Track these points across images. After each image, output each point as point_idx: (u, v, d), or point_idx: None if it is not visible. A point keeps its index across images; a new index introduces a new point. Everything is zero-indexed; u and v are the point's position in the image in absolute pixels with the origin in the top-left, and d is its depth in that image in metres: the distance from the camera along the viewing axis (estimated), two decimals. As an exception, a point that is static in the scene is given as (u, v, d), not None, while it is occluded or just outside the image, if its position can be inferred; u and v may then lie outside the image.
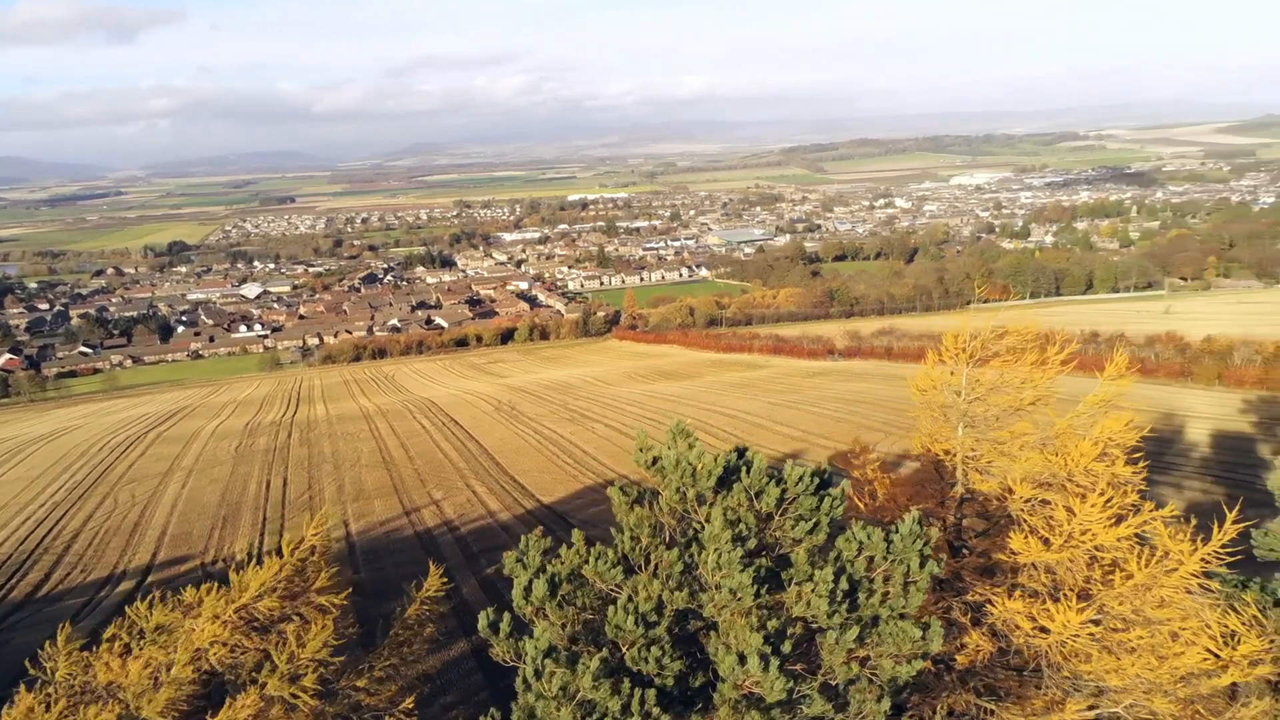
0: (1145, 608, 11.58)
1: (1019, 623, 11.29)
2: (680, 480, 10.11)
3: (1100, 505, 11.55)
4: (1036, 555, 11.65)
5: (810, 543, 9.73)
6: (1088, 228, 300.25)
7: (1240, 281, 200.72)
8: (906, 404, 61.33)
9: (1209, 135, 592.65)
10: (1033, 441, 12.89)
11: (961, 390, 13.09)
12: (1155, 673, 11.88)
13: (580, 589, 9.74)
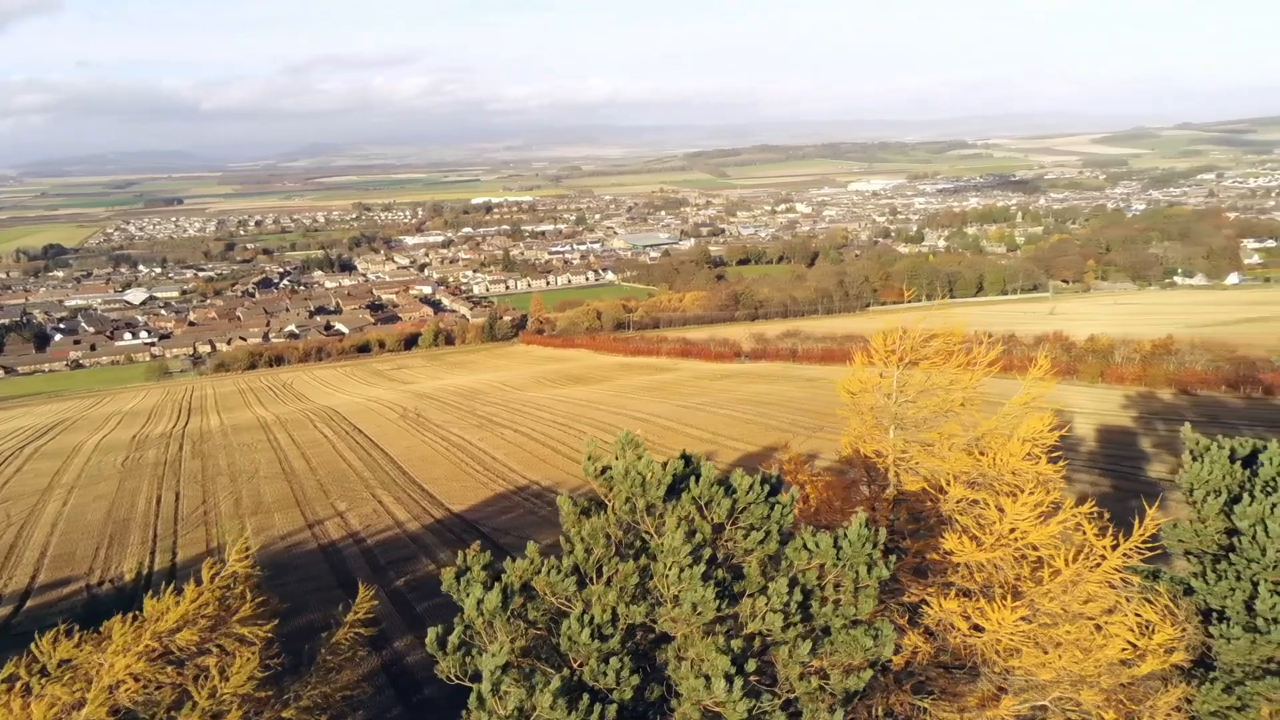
0: (1073, 603, 11.84)
1: (955, 622, 11.40)
2: (630, 489, 9.82)
3: (1030, 504, 11.77)
4: (970, 555, 11.79)
5: (762, 552, 9.57)
6: (977, 232, 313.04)
7: (1117, 284, 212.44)
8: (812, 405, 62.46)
9: (1086, 145, 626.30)
10: (961, 442, 13.07)
11: (893, 392, 13.17)
12: (1081, 665, 12.18)
13: (531, 602, 9.35)
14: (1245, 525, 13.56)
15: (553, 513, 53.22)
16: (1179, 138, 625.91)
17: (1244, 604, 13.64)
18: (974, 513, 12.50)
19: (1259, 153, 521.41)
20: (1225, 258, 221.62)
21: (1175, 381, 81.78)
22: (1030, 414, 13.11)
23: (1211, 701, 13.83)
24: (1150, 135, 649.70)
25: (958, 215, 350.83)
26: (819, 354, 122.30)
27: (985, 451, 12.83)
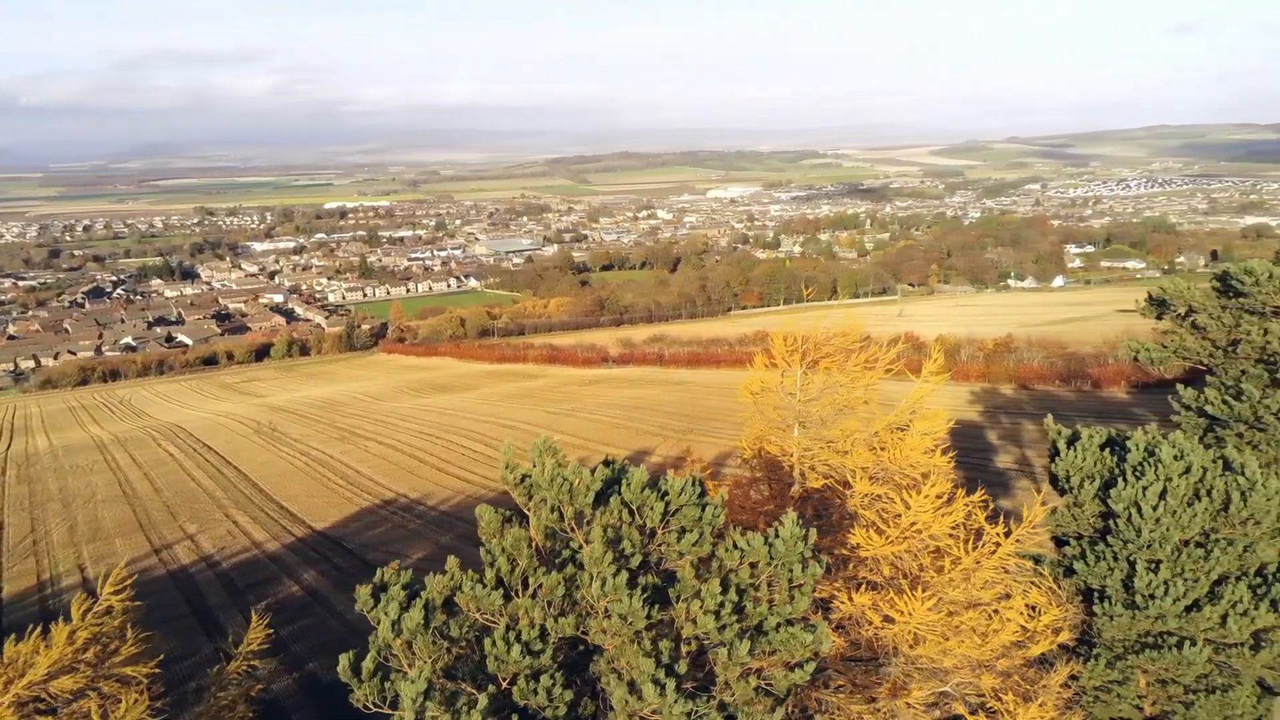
0: (973, 590, 12.11)
1: (868, 616, 11.45)
2: (557, 497, 9.29)
3: (932, 496, 11.96)
4: (878, 549, 11.89)
5: (694, 555, 9.25)
6: (830, 239, 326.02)
7: (958, 287, 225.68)
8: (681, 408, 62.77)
9: (926, 157, 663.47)
10: (863, 438, 13.19)
11: (796, 391, 13.15)
12: (979, 651, 12.48)
13: (453, 619, 8.66)
14: (1120, 508, 14.30)
15: (423, 526, 51.61)
16: (1008, 150, 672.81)
17: (1122, 583, 14.39)
18: (878, 507, 12.63)
19: (1077, 165, 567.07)
20: (1051, 262, 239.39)
21: (1015, 377, 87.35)
22: (925, 409, 13.38)
23: (1096, 677, 14.52)
24: (983, 148, 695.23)
25: (811, 222, 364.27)
26: (685, 358, 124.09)
27: (886, 446, 13.01)
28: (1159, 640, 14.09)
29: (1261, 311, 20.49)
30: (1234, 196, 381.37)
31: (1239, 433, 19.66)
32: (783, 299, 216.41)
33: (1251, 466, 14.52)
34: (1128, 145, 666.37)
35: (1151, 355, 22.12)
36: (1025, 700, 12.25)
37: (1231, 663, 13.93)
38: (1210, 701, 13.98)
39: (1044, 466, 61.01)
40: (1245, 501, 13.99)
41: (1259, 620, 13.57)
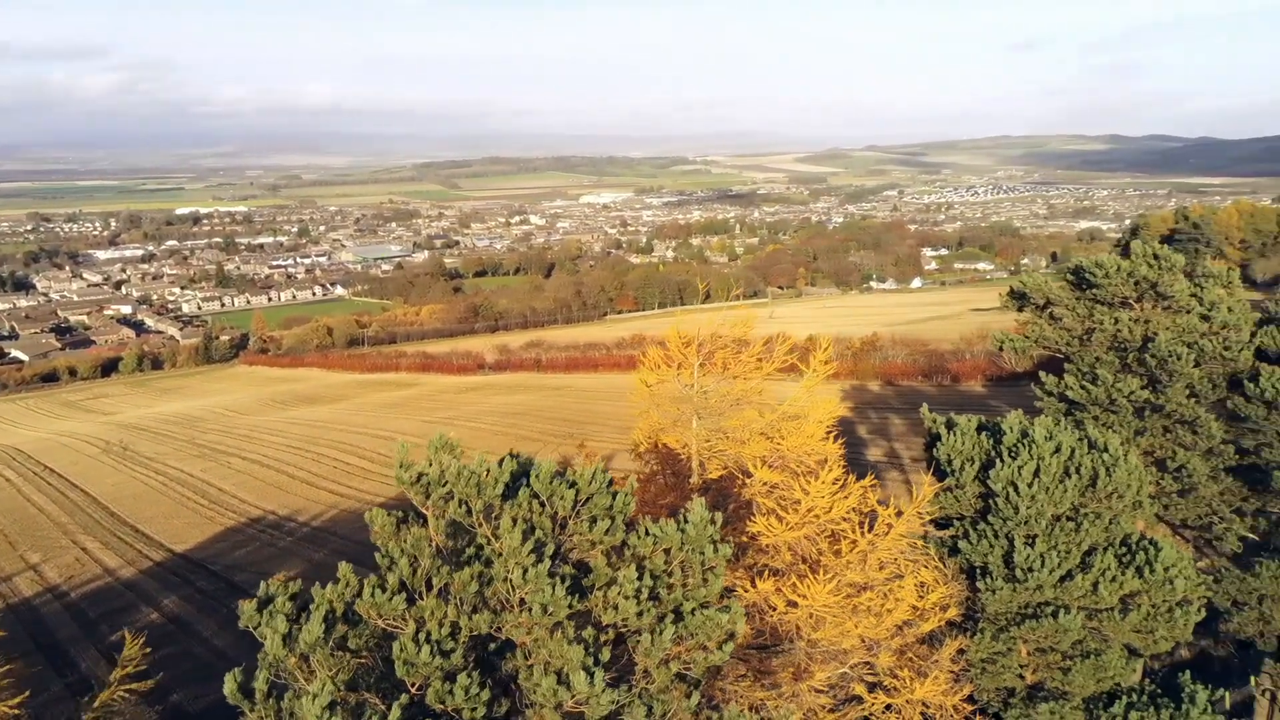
0: (869, 571, 12.38)
1: (772, 601, 11.52)
2: (464, 491, 8.86)
3: (829, 481, 12.16)
4: (779, 535, 12.00)
5: (608, 543, 9.03)
6: (702, 243, 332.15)
7: (824, 289, 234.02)
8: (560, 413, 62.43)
9: (791, 163, 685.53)
10: (759, 428, 13.31)
11: (694, 384, 13.15)
12: (876, 630, 12.78)
13: (354, 629, 8.10)
14: (999, 487, 14.99)
15: (295, 543, 49.31)
16: (868, 158, 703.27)
17: (1003, 558, 15.07)
18: (776, 495, 12.77)
19: (931, 173, 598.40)
20: (910, 264, 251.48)
21: (882, 374, 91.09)
22: (817, 398, 13.63)
23: (982, 649, 15.15)
24: (844, 155, 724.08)
25: (683, 227, 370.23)
26: (563, 363, 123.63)
27: (783, 435, 13.17)
28: (1037, 611, 14.84)
29: (1111, 302, 21.95)
30: (1070, 202, 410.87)
31: (1095, 415, 20.98)
32: (658, 303, 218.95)
33: (1113, 444, 15.48)
34: (976, 154, 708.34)
35: (1015, 345, 23.37)
36: (920, 676, 12.61)
37: (1103, 628, 14.82)
38: (1085, 665, 14.82)
39: (912, 459, 63.55)
40: (1110, 477, 14.91)
41: (1125, 586, 14.49)
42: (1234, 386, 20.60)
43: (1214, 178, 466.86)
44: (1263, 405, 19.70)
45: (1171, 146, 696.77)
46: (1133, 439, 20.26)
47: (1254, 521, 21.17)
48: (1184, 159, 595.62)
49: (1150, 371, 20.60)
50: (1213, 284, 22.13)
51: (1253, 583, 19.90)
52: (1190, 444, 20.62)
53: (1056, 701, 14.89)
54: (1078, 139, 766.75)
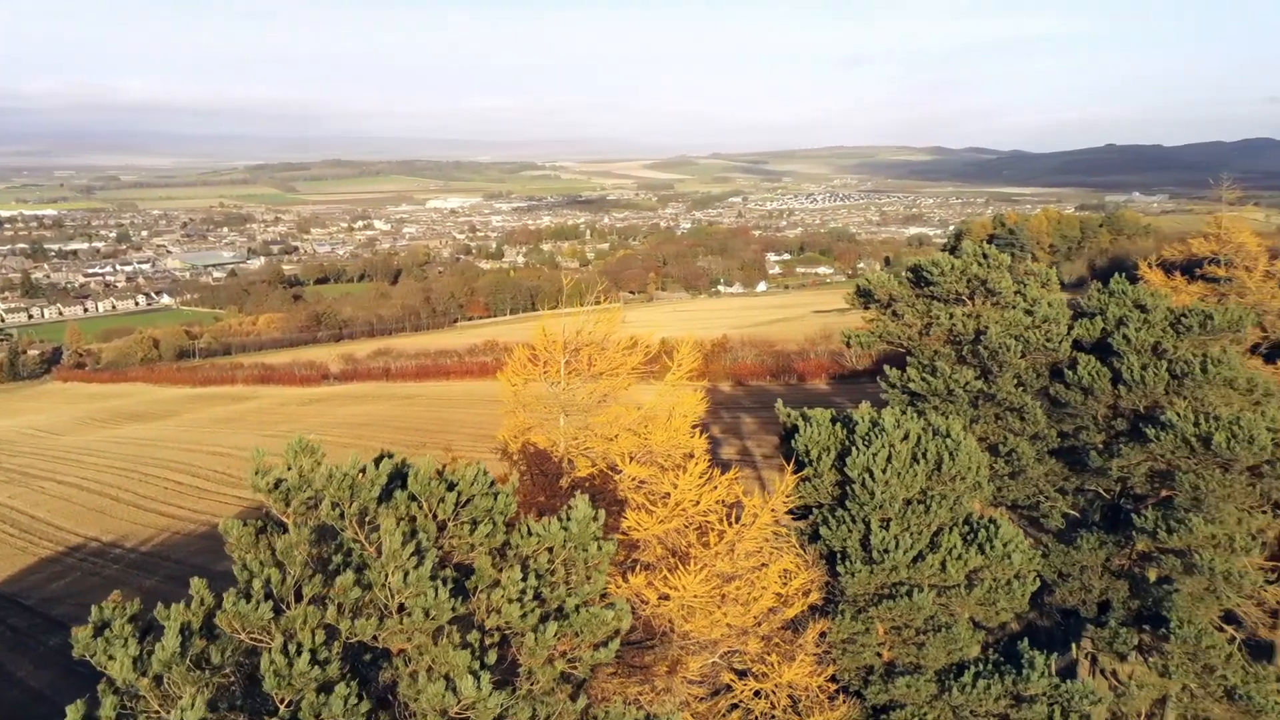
0: (737, 561, 12.63)
1: (645, 595, 11.54)
2: (336, 494, 8.34)
3: (697, 475, 12.32)
4: (650, 529, 12.04)
5: (490, 544, 8.74)
6: (552, 249, 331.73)
7: (674, 294, 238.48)
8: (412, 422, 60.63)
9: (639, 170, 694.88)
10: (628, 423, 13.33)
11: (561, 382, 13.02)
12: (744, 619, 13.05)
13: (214, 644, 7.46)
14: (855, 474, 15.64)
15: (122, 571, 45.69)
16: (713, 165, 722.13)
17: (860, 542, 15.73)
18: (646, 489, 12.82)
19: (773, 180, 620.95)
20: (755, 268, 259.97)
21: (732, 375, 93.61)
22: (683, 394, 13.81)
23: (843, 631, 15.74)
24: (690, 163, 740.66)
25: (534, 232, 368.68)
26: (413, 371, 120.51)
27: (651, 429, 13.24)
28: (893, 591, 15.58)
29: (947, 299, 23.37)
30: (900, 210, 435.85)
31: (935, 405, 22.24)
32: (509, 309, 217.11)
33: (955, 430, 16.47)
34: (814, 163, 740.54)
35: (862, 340, 24.50)
36: (787, 660, 12.96)
37: (951, 604, 15.72)
38: (937, 640, 15.66)
39: (764, 455, 65.35)
40: (953, 460, 15.85)
41: (970, 562, 15.43)
42: (1055, 375, 22.32)
43: (1025, 187, 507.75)
44: (1080, 391, 21.43)
45: (988, 158, 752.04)
46: (969, 426, 21.61)
47: (1074, 499, 23.02)
48: (999, 170, 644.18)
49: (983, 363, 22.06)
50: (1034, 281, 23.95)
51: (1075, 555, 21.59)
52: (1019, 429, 22.19)
53: (912, 676, 15.67)
54: (905, 150, 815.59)
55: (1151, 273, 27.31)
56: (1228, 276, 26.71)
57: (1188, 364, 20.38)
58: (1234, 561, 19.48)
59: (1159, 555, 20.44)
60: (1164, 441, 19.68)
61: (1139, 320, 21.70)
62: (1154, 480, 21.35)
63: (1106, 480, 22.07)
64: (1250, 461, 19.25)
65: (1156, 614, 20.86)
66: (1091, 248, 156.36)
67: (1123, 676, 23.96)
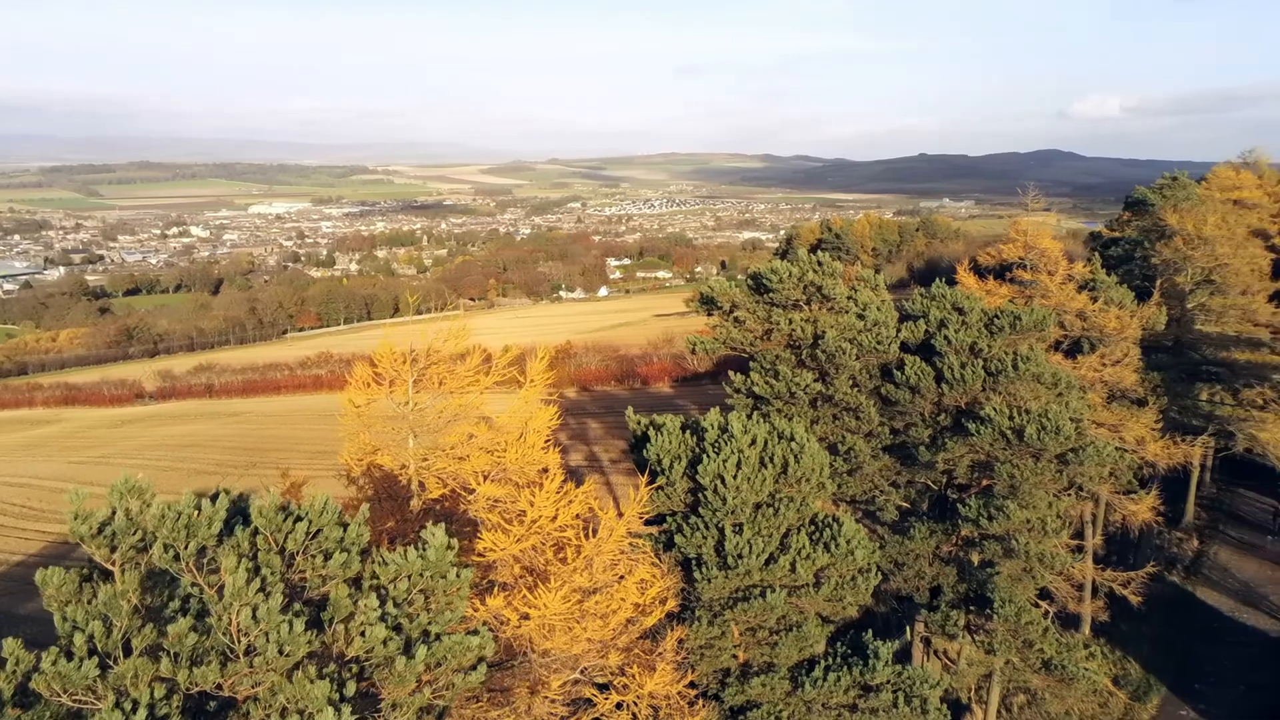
0: (596, 574, 12.57)
1: (505, 616, 11.27)
2: (170, 535, 7.58)
3: (552, 491, 12.17)
4: (507, 549, 11.78)
5: (345, 575, 8.21)
6: (388, 255, 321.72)
7: (516, 300, 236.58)
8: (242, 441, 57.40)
9: (476, 175, 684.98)
10: (481, 442, 13.00)
11: (409, 401, 12.53)
12: (604, 632, 13.01)
13: (28, 712, 6.59)
14: (707, 481, 15.94)
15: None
16: (551, 171, 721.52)
17: (714, 547, 16.03)
18: (500, 509, 12.55)
19: (611, 186, 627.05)
20: (596, 274, 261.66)
21: (577, 380, 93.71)
22: (536, 409, 13.61)
23: (700, 636, 15.99)
24: (528, 168, 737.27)
25: (367, 239, 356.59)
26: (240, 387, 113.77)
27: (505, 447, 12.98)
28: (747, 593, 15.99)
29: (786, 305, 24.23)
30: (734, 215, 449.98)
31: (778, 408, 23.04)
32: (343, 318, 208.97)
33: (799, 433, 17.09)
34: (651, 169, 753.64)
35: (706, 346, 25.01)
36: (648, 670, 13.02)
37: (801, 602, 16.29)
38: (789, 638, 16.19)
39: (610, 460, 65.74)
40: (799, 463, 16.44)
41: (818, 561, 16.04)
42: (886, 375, 23.60)
43: (848, 193, 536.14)
44: (908, 390, 22.76)
45: (814, 166, 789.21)
46: (810, 426, 22.50)
47: (906, 492, 24.42)
48: (824, 177, 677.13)
49: (820, 365, 23.03)
50: (864, 286, 25.21)
51: (908, 545, 22.90)
52: (855, 428, 23.32)
53: (766, 675, 16.13)
54: (738, 157, 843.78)
55: (967, 277, 29.32)
56: (1033, 280, 29.08)
57: (1001, 362, 22.03)
58: (1046, 543, 21.21)
59: (982, 541, 21.96)
60: (983, 435, 21.18)
61: (957, 322, 23.27)
62: (975, 471, 22.96)
63: (934, 473, 23.53)
64: (1057, 450, 21.01)
65: (981, 595, 22.41)
66: (910, 250, 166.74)
67: (953, 655, 25.64)
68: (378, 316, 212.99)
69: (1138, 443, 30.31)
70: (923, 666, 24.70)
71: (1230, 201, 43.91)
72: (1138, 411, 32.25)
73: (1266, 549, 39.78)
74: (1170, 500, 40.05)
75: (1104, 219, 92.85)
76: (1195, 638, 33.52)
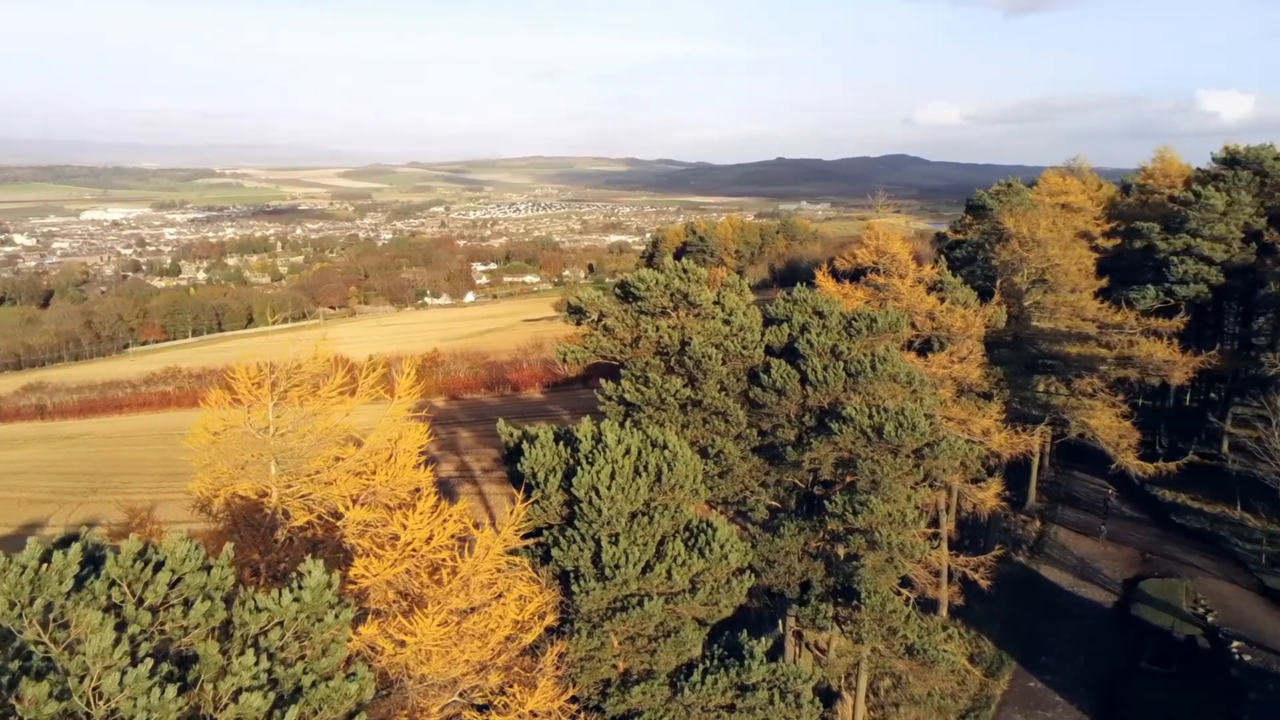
0: (473, 595, 12.36)
1: (379, 645, 10.91)
2: (13, 591, 6.88)
3: (428, 512, 11.89)
4: (381, 574, 11.41)
5: (209, 625, 7.68)
6: (239, 263, 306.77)
7: (379, 307, 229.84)
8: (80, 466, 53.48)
9: (333, 179, 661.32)
10: (349, 465, 12.55)
11: (270, 425, 11.95)
12: (483, 652, 12.81)
13: None
14: (582, 493, 15.93)
15: None
16: (412, 175, 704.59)
17: (591, 559, 16.03)
18: (372, 533, 12.15)
19: (475, 190, 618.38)
20: (462, 279, 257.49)
21: (445, 389, 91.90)
22: (406, 427, 13.26)
23: (580, 649, 15.96)
24: (388, 172, 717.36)
25: (216, 246, 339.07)
26: (77, 407, 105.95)
27: (375, 469, 12.57)
28: (625, 603, 16.07)
29: (654, 312, 24.55)
30: (600, 218, 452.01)
31: (649, 414, 23.31)
32: (191, 330, 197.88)
33: (672, 440, 17.34)
34: (515, 173, 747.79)
35: (576, 355, 25.04)
36: (529, 688, 12.90)
37: (678, 608, 16.52)
38: (667, 644, 16.40)
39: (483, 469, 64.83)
40: (672, 470, 16.68)
41: (693, 567, 16.32)
42: (753, 379, 24.23)
43: (711, 196, 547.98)
44: (774, 393, 23.46)
45: (677, 170, 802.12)
46: (681, 432, 22.87)
47: (775, 491, 25.17)
48: (687, 180, 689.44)
49: (689, 371, 23.44)
50: (729, 291, 25.83)
51: (779, 542, 23.60)
52: (724, 431, 23.85)
53: (646, 682, 16.28)
54: (602, 160, 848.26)
55: (826, 280, 30.49)
56: (886, 284, 30.53)
57: (860, 363, 23.02)
58: (906, 534, 22.27)
59: (847, 535, 22.88)
60: (845, 433, 22.06)
61: (819, 326, 24.17)
62: (839, 468, 23.89)
63: (801, 472, 24.34)
64: (914, 446, 22.13)
65: (848, 587, 23.35)
66: (771, 252, 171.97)
67: (824, 646, 26.60)
68: (230, 328, 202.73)
69: (984, 434, 32.28)
70: (795, 660, 25.54)
71: (1059, 205, 47.39)
72: (984, 405, 34.38)
73: (1099, 527, 43.15)
74: (1015, 485, 42.92)
75: (949, 220, 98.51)
76: (1040, 613, 35.95)
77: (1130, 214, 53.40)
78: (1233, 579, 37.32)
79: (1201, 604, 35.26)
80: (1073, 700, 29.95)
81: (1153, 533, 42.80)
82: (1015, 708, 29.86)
